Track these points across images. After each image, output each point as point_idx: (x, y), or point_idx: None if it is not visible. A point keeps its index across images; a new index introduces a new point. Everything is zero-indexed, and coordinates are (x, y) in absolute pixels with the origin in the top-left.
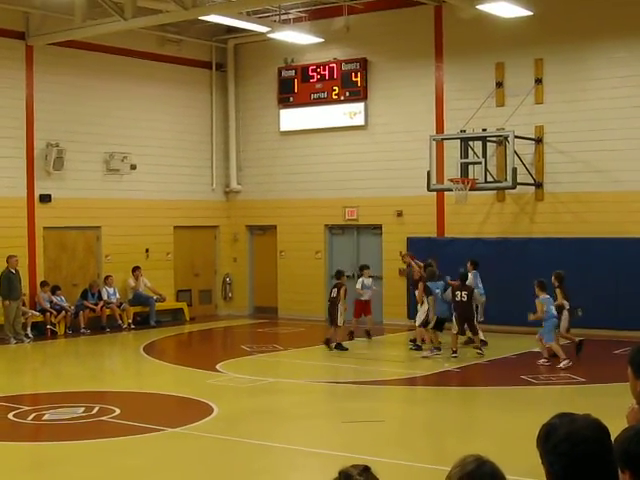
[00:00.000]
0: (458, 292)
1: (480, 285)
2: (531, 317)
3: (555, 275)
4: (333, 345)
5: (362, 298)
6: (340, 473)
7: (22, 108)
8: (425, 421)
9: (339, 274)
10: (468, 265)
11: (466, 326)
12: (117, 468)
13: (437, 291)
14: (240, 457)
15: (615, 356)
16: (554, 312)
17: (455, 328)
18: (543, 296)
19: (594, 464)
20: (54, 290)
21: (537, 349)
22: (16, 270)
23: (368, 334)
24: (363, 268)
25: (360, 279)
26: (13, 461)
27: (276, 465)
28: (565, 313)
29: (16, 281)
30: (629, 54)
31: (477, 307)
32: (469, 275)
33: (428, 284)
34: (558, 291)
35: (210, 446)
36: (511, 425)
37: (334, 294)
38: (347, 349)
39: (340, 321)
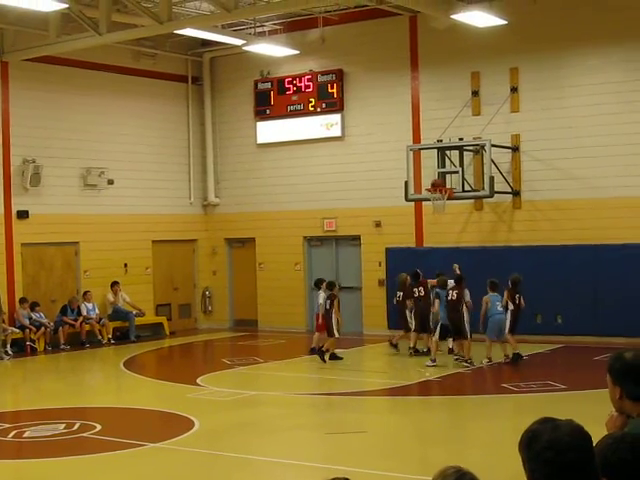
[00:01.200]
0: (450, 291)
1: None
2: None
3: (510, 278)
4: (327, 356)
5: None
6: None
7: None
8: (407, 431)
9: (331, 285)
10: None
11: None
12: None
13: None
14: (222, 471)
15: (595, 363)
16: (498, 309)
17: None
18: (490, 294)
19: (577, 472)
20: (33, 306)
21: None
22: None
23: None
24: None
25: (321, 294)
26: None
27: (258, 478)
28: (508, 314)
29: None
30: (604, 61)
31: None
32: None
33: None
34: (506, 292)
35: (191, 460)
36: (493, 433)
37: (328, 305)
38: (342, 358)
39: (336, 332)
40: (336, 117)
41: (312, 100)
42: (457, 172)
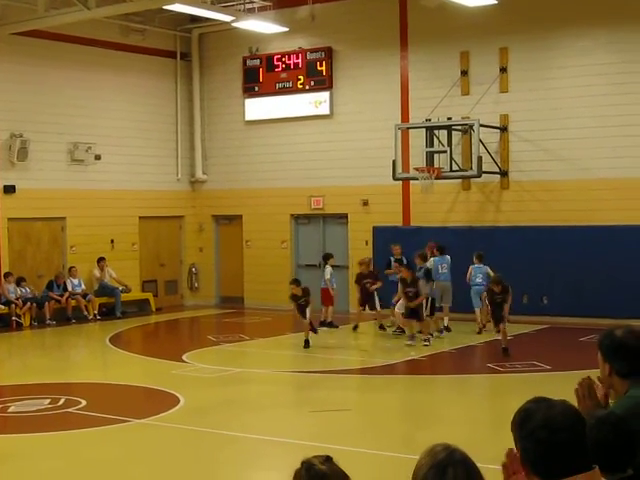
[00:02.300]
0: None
1: (444, 271)
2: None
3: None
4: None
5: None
6: (302, 463)
7: None
8: (392, 410)
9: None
10: (434, 250)
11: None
12: (84, 460)
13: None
14: (206, 447)
15: (580, 343)
16: (478, 281)
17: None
18: (474, 265)
19: (569, 451)
20: (19, 281)
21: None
22: None
23: (330, 324)
24: (328, 257)
25: (328, 268)
26: None
27: (242, 455)
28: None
29: None
30: (593, 43)
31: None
32: (431, 260)
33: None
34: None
35: (176, 437)
36: (478, 413)
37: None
38: (337, 326)
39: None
40: (325, 95)
41: (301, 77)
42: (445, 152)
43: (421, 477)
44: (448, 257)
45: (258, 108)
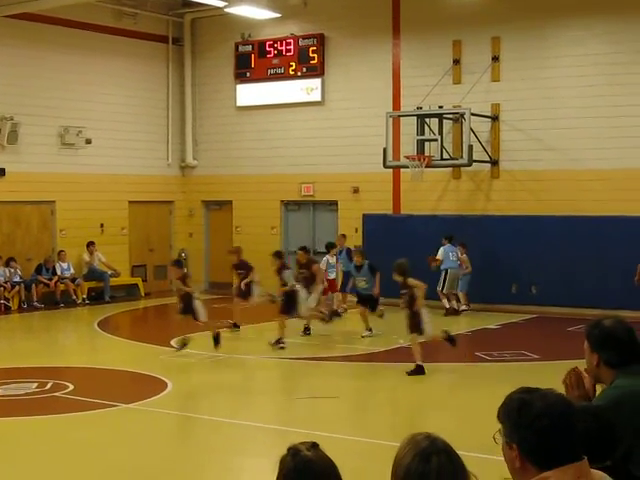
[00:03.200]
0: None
1: (453, 259)
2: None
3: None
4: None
5: (329, 277)
6: (289, 449)
7: None
8: (379, 397)
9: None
10: (443, 240)
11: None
12: (70, 444)
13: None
14: (193, 433)
15: (569, 333)
16: (450, 259)
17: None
18: (444, 246)
19: (566, 440)
20: (8, 262)
21: (492, 326)
22: None
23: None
24: (330, 247)
25: (325, 258)
26: None
27: (229, 441)
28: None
29: None
30: (587, 32)
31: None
32: (441, 249)
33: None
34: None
35: (164, 422)
36: (466, 401)
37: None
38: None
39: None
40: (316, 82)
41: (293, 64)
42: (436, 140)
43: (404, 466)
44: (455, 246)
45: (250, 94)
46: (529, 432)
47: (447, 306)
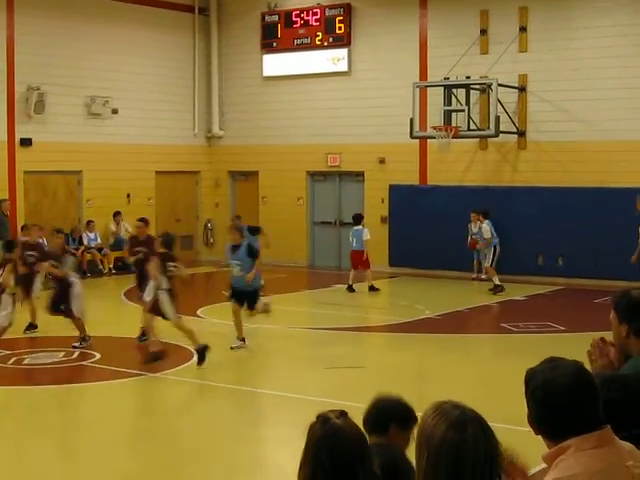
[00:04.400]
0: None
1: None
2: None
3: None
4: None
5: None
6: (318, 417)
7: (2, 51)
8: (405, 368)
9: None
10: (473, 215)
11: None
12: (97, 412)
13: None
14: (219, 402)
15: (595, 305)
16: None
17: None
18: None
19: (571, 412)
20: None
21: (518, 297)
22: (7, 214)
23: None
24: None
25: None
26: None
27: (255, 410)
28: None
29: (7, 224)
30: (614, 3)
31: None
32: (485, 225)
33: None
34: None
35: (190, 391)
36: (491, 372)
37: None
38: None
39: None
40: (343, 52)
41: (319, 34)
42: (463, 111)
43: (439, 436)
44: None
45: (276, 64)
46: (531, 402)
47: (497, 282)
